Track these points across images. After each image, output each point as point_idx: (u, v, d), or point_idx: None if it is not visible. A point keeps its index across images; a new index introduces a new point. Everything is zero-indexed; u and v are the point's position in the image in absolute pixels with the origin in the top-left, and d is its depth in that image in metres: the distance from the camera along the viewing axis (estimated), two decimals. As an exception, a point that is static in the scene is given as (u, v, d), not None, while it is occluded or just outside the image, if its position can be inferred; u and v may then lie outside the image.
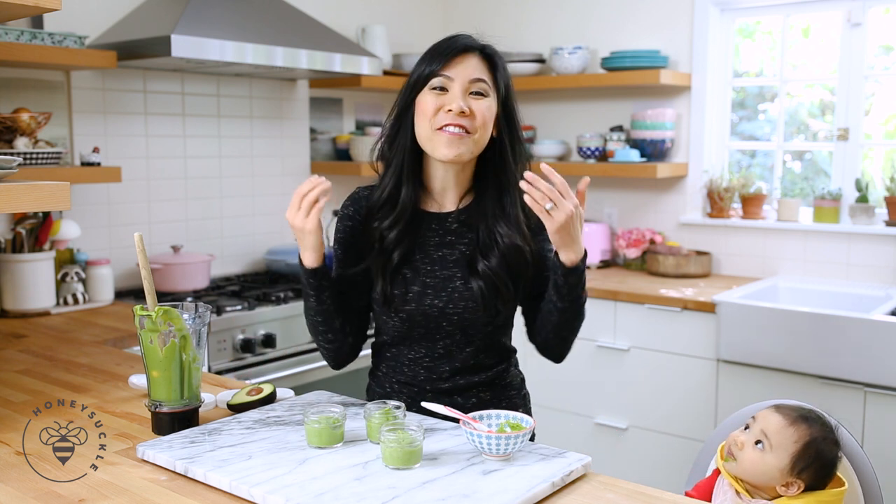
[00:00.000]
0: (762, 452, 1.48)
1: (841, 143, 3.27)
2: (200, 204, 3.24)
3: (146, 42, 2.61)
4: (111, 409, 1.63)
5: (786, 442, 1.47)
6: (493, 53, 1.58)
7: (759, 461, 1.48)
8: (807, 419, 1.50)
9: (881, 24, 3.21)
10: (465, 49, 1.54)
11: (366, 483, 1.21)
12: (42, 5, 1.62)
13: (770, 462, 1.47)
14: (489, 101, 1.55)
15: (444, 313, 1.57)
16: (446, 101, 1.51)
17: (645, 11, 3.60)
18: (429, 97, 1.53)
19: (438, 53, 1.54)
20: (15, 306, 2.60)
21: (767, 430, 1.48)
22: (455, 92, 1.52)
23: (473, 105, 1.52)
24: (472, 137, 1.52)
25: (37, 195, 1.52)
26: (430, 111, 1.52)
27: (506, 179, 1.59)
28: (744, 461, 1.49)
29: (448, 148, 1.51)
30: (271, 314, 2.75)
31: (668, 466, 3.02)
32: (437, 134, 1.52)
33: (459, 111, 1.50)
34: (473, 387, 1.63)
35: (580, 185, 1.51)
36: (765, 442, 1.48)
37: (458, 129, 1.51)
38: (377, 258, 1.59)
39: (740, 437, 1.51)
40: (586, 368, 3.26)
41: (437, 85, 1.53)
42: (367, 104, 3.85)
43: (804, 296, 3.16)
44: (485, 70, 1.55)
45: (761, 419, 1.51)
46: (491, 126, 1.56)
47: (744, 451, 1.49)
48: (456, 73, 1.52)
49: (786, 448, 1.47)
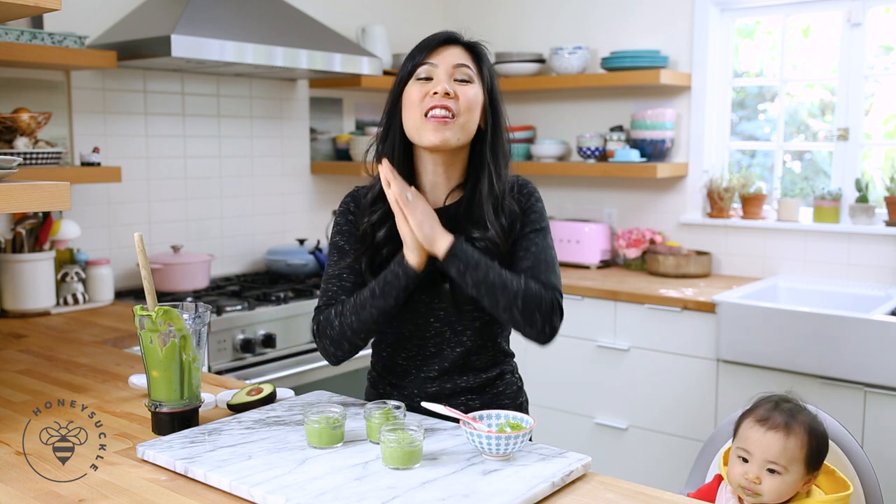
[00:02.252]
0: (781, 476, 1.48)
1: (841, 143, 3.27)
2: (200, 204, 3.24)
3: (146, 42, 2.61)
4: (111, 409, 1.63)
5: (795, 455, 1.48)
6: (476, 45, 1.60)
7: (781, 485, 1.48)
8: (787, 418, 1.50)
9: (881, 24, 3.21)
10: (447, 40, 1.57)
11: (366, 483, 1.21)
12: (42, 5, 1.62)
13: (791, 480, 1.48)
14: (475, 87, 1.56)
15: (431, 308, 1.58)
16: (431, 87, 1.53)
17: (645, 11, 3.60)
18: (415, 87, 1.55)
19: (421, 48, 1.57)
20: (15, 306, 2.60)
21: (769, 455, 1.48)
22: (440, 76, 1.54)
23: (459, 89, 1.53)
24: (458, 122, 1.53)
25: (37, 195, 1.52)
26: (416, 99, 1.53)
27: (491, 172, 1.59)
28: (769, 492, 1.49)
29: (434, 133, 1.52)
30: (271, 314, 2.75)
31: (668, 466, 3.02)
32: (423, 121, 1.52)
33: (444, 92, 1.51)
34: (462, 392, 1.62)
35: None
36: (776, 467, 1.48)
37: (444, 112, 1.51)
38: (367, 253, 1.60)
39: (750, 473, 1.50)
40: (586, 368, 3.26)
41: (422, 75, 1.55)
42: (367, 104, 3.85)
43: (804, 296, 3.16)
44: (468, 58, 1.57)
45: (755, 445, 1.50)
46: (477, 113, 1.56)
47: (763, 485, 1.49)
48: (439, 59, 1.54)
49: (797, 460, 1.48)
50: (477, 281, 1.47)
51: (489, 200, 1.57)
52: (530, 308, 1.48)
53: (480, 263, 1.48)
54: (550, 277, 1.54)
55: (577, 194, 3.88)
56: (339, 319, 1.54)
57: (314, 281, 3.18)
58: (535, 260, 1.56)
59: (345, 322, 1.53)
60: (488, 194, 1.57)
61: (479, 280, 1.47)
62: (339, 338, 1.54)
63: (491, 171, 1.58)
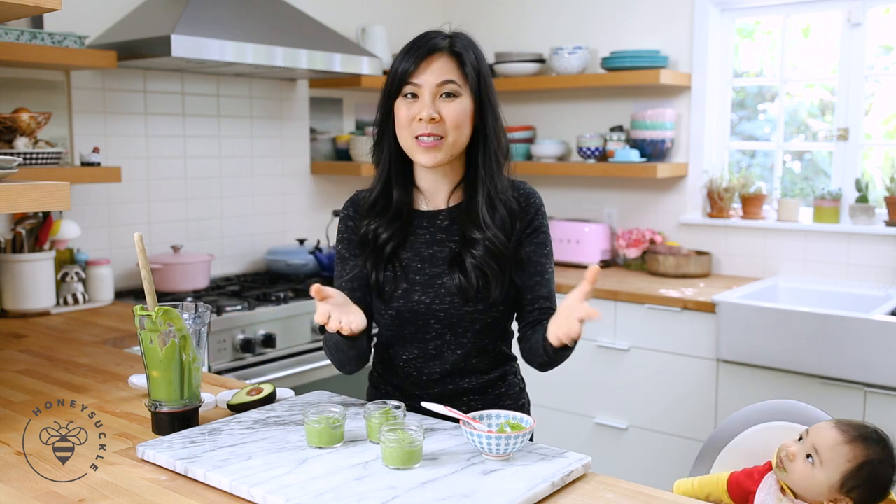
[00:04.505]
0: (812, 467, 1.46)
1: (841, 143, 3.27)
2: (200, 204, 3.24)
3: (146, 42, 2.61)
4: (111, 409, 1.63)
5: (838, 459, 1.44)
6: (462, 49, 1.57)
7: (808, 475, 1.46)
8: (866, 439, 1.46)
9: (881, 24, 3.21)
10: (431, 51, 1.55)
11: (366, 483, 1.21)
12: (42, 5, 1.62)
13: (819, 478, 1.45)
14: (461, 100, 1.55)
15: (431, 309, 1.58)
16: (416, 111, 1.54)
17: (645, 11, 3.60)
18: (403, 107, 1.56)
19: (408, 56, 1.56)
20: (15, 306, 2.60)
21: (819, 445, 1.46)
22: (425, 99, 1.54)
23: (444, 109, 1.53)
24: (447, 142, 1.54)
25: (37, 195, 1.52)
26: (405, 121, 1.55)
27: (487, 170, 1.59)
28: (794, 473, 1.47)
29: (425, 156, 1.55)
30: (271, 314, 2.75)
31: (668, 466, 3.02)
32: (414, 143, 1.55)
33: (429, 118, 1.52)
34: (463, 394, 1.63)
35: (589, 274, 1.40)
36: (815, 457, 1.46)
37: (431, 139, 1.53)
38: (370, 257, 1.61)
39: (792, 447, 1.49)
40: (586, 368, 3.26)
41: (408, 92, 1.56)
42: (367, 104, 3.85)
43: (804, 296, 3.16)
44: (453, 69, 1.56)
45: (815, 433, 1.48)
46: (467, 125, 1.56)
47: (794, 463, 1.48)
48: (423, 79, 1.54)
49: (837, 465, 1.44)
50: (563, 359, 1.57)
51: (486, 201, 1.59)
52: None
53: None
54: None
55: (577, 194, 3.88)
56: (328, 352, 1.62)
57: (314, 281, 3.18)
58: (549, 289, 1.64)
59: (331, 356, 1.62)
60: (486, 195, 1.59)
61: (564, 359, 1.56)
62: (337, 364, 1.63)
63: (488, 170, 1.59)
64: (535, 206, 1.64)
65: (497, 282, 1.57)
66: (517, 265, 1.61)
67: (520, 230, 1.62)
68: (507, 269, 1.59)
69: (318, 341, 2.88)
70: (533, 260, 1.62)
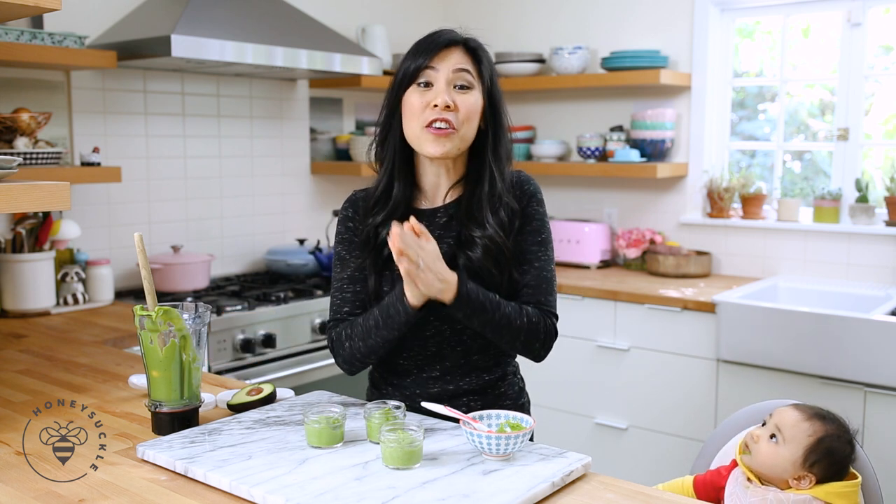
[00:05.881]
0: (776, 445, 1.53)
1: (841, 143, 3.27)
2: (200, 204, 3.24)
3: (146, 42, 2.61)
4: (111, 409, 1.63)
5: (800, 436, 1.52)
6: (477, 46, 1.59)
7: (772, 454, 1.53)
8: (823, 417, 1.55)
9: (881, 24, 3.21)
10: (449, 43, 1.56)
11: (366, 483, 1.21)
12: (42, 5, 1.62)
13: (783, 455, 1.52)
14: (474, 93, 1.56)
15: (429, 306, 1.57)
16: (431, 97, 1.53)
17: (645, 11, 3.60)
18: (415, 95, 1.55)
19: (422, 49, 1.56)
20: (15, 306, 2.60)
21: (782, 424, 1.54)
22: (440, 86, 1.53)
23: (458, 99, 1.54)
24: (458, 133, 1.54)
25: (37, 195, 1.52)
26: (417, 109, 1.54)
27: (492, 172, 1.59)
28: (758, 454, 1.54)
29: (434, 146, 1.53)
30: (271, 314, 2.75)
31: (668, 466, 3.02)
32: (424, 132, 1.54)
33: (444, 105, 1.51)
34: (463, 394, 1.62)
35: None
36: (779, 435, 1.53)
37: (444, 125, 1.52)
38: (369, 255, 1.61)
39: (756, 431, 1.57)
40: (586, 368, 3.26)
41: (422, 80, 1.55)
42: (367, 104, 3.85)
43: (804, 296, 3.16)
44: (469, 61, 1.57)
45: (777, 415, 1.57)
46: (476, 120, 1.57)
47: (759, 444, 1.55)
48: (440, 64, 1.54)
49: (799, 441, 1.51)
50: (483, 322, 1.52)
51: (489, 200, 1.58)
52: (531, 340, 1.57)
53: (486, 305, 1.51)
54: (549, 299, 1.60)
55: (577, 194, 3.88)
56: (348, 342, 1.58)
57: (314, 281, 3.18)
58: (537, 279, 1.60)
59: (353, 346, 1.57)
60: (488, 194, 1.58)
61: (485, 322, 1.52)
62: (350, 358, 1.59)
63: (493, 172, 1.59)
64: (528, 193, 1.63)
65: (491, 283, 1.56)
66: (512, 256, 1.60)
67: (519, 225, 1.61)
68: (505, 269, 1.59)
69: (318, 341, 2.88)
70: (522, 248, 1.61)
